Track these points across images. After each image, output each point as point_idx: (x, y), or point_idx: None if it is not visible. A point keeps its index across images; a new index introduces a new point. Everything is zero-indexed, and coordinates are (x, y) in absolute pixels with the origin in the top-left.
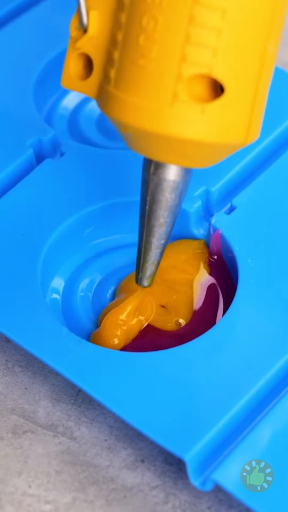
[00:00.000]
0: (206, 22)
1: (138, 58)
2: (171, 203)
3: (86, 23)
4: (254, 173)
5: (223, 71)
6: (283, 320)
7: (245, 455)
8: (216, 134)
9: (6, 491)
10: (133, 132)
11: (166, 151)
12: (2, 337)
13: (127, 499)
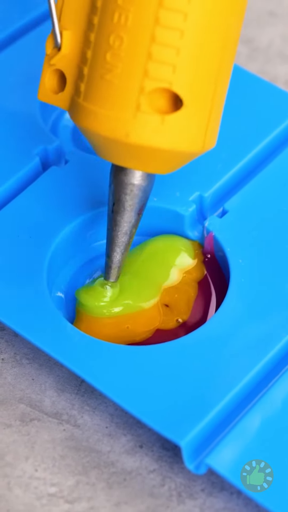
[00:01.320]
0: (166, 41)
1: (105, 73)
2: (134, 204)
3: (60, 42)
4: (244, 180)
5: (181, 86)
6: (271, 316)
7: (236, 441)
8: (174, 142)
9: (15, 474)
10: (100, 140)
11: (130, 157)
12: (10, 332)
13: (126, 482)
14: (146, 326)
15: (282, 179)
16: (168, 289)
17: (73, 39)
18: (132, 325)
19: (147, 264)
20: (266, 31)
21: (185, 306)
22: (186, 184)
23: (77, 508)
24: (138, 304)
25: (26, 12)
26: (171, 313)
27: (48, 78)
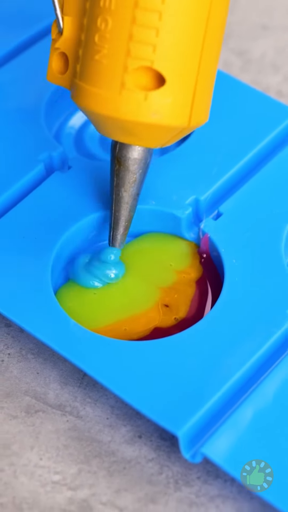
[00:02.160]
0: (146, 23)
1: (94, 54)
2: (133, 175)
3: (62, 27)
4: (238, 184)
5: (162, 64)
6: (263, 313)
7: (230, 431)
8: (159, 117)
9: (20, 463)
10: (95, 117)
11: (122, 132)
12: (17, 328)
13: (126, 470)
14: (145, 326)
15: (273, 183)
16: (167, 290)
17: (73, 24)
18: (131, 325)
19: (146, 267)
20: (258, 44)
21: (183, 305)
22: (183, 188)
23: (80, 495)
24: (137, 307)
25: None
26: (170, 312)
27: (54, 61)
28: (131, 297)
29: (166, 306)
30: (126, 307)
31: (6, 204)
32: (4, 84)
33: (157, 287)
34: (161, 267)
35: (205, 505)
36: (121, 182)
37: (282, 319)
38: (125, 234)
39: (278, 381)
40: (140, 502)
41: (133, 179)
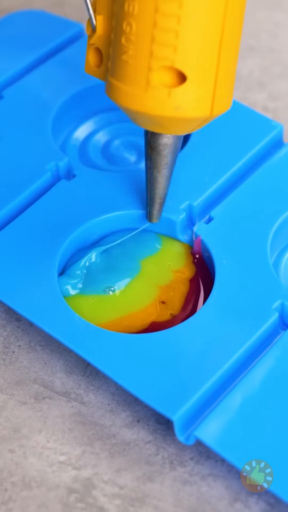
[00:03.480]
0: (166, 27)
1: (121, 54)
2: (165, 158)
3: (95, 24)
4: (228, 191)
5: (183, 63)
6: (250, 309)
7: (220, 416)
8: (182, 111)
9: (30, 445)
10: (125, 110)
11: (150, 123)
12: (26, 322)
13: (126, 452)
14: (143, 320)
15: (260, 190)
16: (165, 288)
17: (105, 22)
18: (131, 320)
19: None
20: (246, 63)
21: (178, 301)
22: (178, 194)
23: (83, 474)
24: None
25: (38, 47)
26: (166, 308)
27: (90, 55)
28: (133, 295)
29: (163, 302)
30: (128, 305)
31: (17, 208)
32: (16, 100)
33: (156, 285)
34: (161, 267)
35: (198, 483)
36: (154, 164)
37: (268, 314)
38: (160, 211)
39: (264, 370)
40: (138, 481)
41: (165, 162)
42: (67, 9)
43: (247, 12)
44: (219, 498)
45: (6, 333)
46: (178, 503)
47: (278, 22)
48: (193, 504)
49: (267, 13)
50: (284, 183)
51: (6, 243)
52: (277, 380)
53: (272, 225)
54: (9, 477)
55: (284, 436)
